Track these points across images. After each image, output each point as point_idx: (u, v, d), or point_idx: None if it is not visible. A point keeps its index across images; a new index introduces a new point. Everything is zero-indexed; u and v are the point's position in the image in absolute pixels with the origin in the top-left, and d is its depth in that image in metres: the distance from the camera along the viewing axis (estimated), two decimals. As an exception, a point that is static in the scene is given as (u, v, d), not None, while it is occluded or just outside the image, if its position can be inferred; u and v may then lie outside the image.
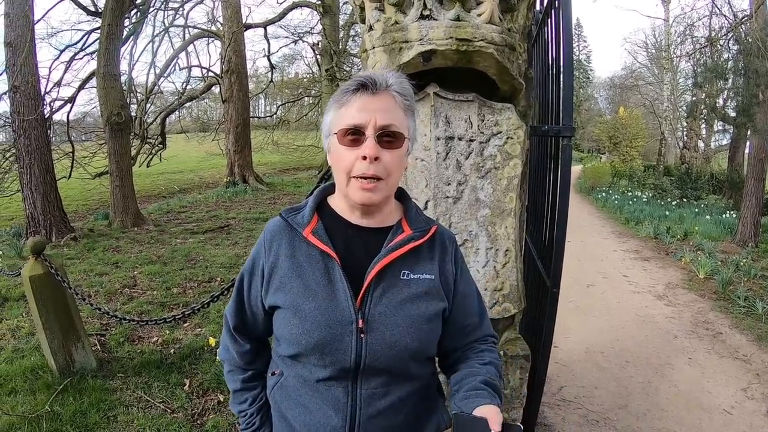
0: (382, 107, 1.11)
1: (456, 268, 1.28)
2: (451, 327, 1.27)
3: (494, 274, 2.04)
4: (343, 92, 1.13)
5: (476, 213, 2.00)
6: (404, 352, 1.16)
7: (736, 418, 3.48)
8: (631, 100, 32.59)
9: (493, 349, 1.31)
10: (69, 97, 11.81)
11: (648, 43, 30.48)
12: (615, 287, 6.59)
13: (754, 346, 4.68)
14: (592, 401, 3.67)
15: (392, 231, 1.22)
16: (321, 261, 1.17)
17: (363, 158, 1.09)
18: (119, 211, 9.47)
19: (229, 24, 14.67)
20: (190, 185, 17.84)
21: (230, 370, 1.37)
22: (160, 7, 13.28)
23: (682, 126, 22.71)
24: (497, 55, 1.77)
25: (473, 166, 1.97)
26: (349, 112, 1.11)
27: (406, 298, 1.17)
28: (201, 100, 20.17)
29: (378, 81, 1.12)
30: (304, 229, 1.19)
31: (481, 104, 1.94)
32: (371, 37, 1.90)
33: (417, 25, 1.78)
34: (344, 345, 1.12)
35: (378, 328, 1.14)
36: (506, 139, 1.96)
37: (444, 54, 1.77)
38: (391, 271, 1.18)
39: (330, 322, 1.13)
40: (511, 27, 1.86)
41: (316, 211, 1.24)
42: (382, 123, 1.10)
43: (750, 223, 9.20)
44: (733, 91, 10.61)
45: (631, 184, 19.76)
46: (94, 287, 5.77)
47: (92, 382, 3.54)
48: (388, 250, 1.17)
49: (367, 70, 1.93)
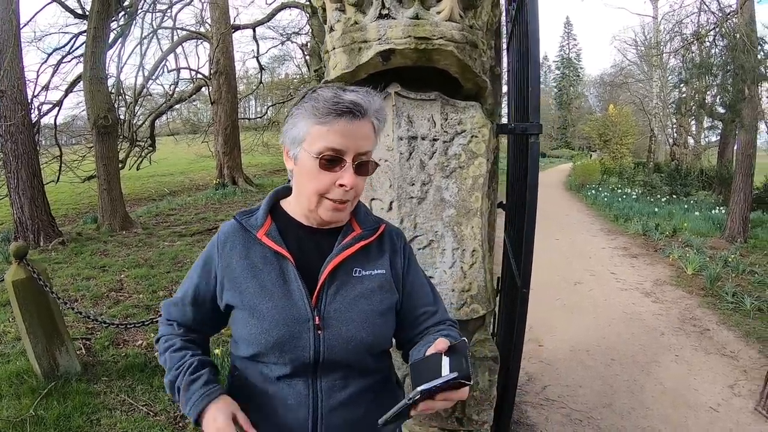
0: (363, 135, 1.13)
1: (404, 260, 1.33)
2: (406, 317, 1.32)
3: (461, 274, 2.01)
4: (326, 110, 1.09)
5: (442, 213, 1.98)
6: (360, 346, 1.20)
7: (722, 416, 3.47)
8: (620, 98, 32.72)
9: (453, 329, 1.32)
10: (57, 101, 11.80)
11: (637, 40, 30.55)
12: (602, 285, 6.59)
13: (741, 343, 4.67)
14: (576, 400, 3.66)
15: (343, 231, 1.26)
16: (276, 262, 1.20)
17: (340, 185, 1.12)
18: (107, 214, 9.44)
19: (218, 25, 14.61)
20: (180, 187, 17.77)
21: (165, 338, 1.32)
22: (148, 9, 13.23)
23: (671, 123, 22.75)
24: (457, 52, 1.74)
25: (437, 165, 1.95)
26: (330, 136, 1.10)
27: (359, 295, 1.22)
28: (190, 102, 20.09)
29: (363, 108, 1.11)
30: (258, 230, 1.22)
31: (443, 103, 1.92)
32: (332, 38, 1.88)
33: (375, 25, 1.76)
34: (303, 342, 1.16)
35: (334, 325, 1.18)
36: (471, 137, 1.93)
37: (403, 53, 1.75)
38: (344, 269, 1.22)
39: (287, 321, 1.16)
40: (474, 24, 1.83)
41: (270, 214, 1.26)
42: (361, 150, 1.13)
43: (738, 219, 9.23)
44: (721, 87, 10.63)
45: (620, 181, 19.88)
46: (81, 291, 5.75)
47: (76, 386, 3.54)
48: (339, 249, 1.22)
49: (329, 71, 1.91)
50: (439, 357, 1.01)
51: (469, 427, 2.11)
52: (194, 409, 1.15)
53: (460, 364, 0.96)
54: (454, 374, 0.94)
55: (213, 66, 14.77)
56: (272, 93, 24.61)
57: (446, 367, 0.98)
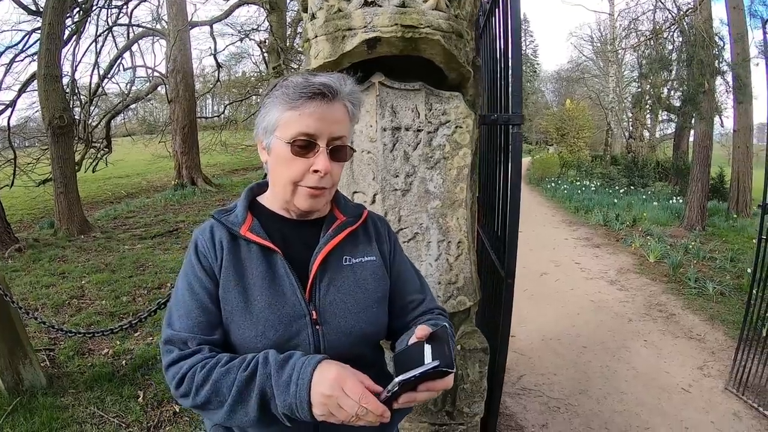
0: (336, 118, 1.09)
1: (391, 247, 1.31)
2: (395, 305, 1.28)
3: (447, 267, 2.00)
4: (296, 94, 1.06)
5: (426, 205, 1.95)
6: (360, 338, 1.17)
7: (695, 396, 3.59)
8: (577, 93, 33.39)
9: (441, 317, 1.28)
10: (9, 102, 11.26)
11: (593, 37, 31.41)
12: (568, 274, 6.72)
13: (707, 326, 4.84)
14: (552, 388, 3.71)
15: (327, 221, 1.23)
16: (262, 257, 1.14)
17: (314, 171, 1.09)
18: (65, 218, 9.10)
19: (174, 22, 14.24)
20: (138, 189, 17.29)
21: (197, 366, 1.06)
22: (103, 5, 12.78)
23: (627, 116, 23.41)
24: (444, 42, 1.73)
25: (421, 156, 1.92)
26: (302, 120, 1.06)
27: (353, 284, 1.18)
28: (146, 101, 19.59)
29: (334, 89, 1.08)
30: (241, 227, 1.16)
31: (428, 93, 1.89)
32: (314, 25, 1.83)
33: (361, 12, 1.72)
34: (302, 339, 1.10)
35: (332, 318, 1.14)
36: (455, 128, 1.92)
37: (389, 41, 1.71)
38: (333, 258, 1.18)
39: (284, 319, 1.10)
40: (459, 14, 1.82)
41: (249, 210, 1.21)
42: (335, 135, 1.09)
43: (696, 208, 9.56)
44: (678, 81, 10.98)
45: (579, 174, 20.29)
46: (41, 300, 5.51)
47: (43, 401, 3.37)
48: (327, 239, 1.18)
49: (310, 60, 1.86)
50: (422, 346, 0.97)
51: (460, 420, 2.10)
52: (304, 372, 0.97)
53: (442, 352, 0.92)
54: (435, 362, 0.89)
55: (170, 64, 14.39)
56: (229, 91, 24.17)
57: (428, 356, 0.94)
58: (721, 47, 9.85)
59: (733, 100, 10.78)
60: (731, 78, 10.44)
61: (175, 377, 1.06)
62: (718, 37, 9.76)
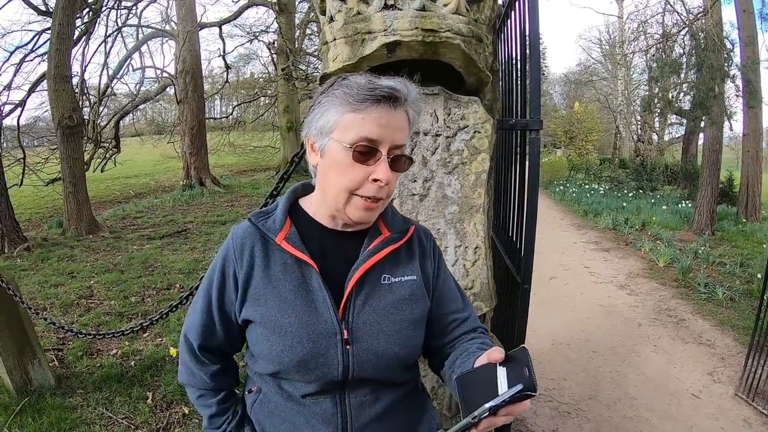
0: (399, 125, 1.03)
1: (435, 264, 1.23)
2: (437, 325, 1.21)
3: (464, 272, 1.99)
4: (361, 96, 0.99)
5: (444, 210, 1.94)
6: (393, 360, 1.11)
7: (704, 402, 3.56)
8: (585, 96, 33.23)
9: (485, 335, 1.23)
10: (19, 101, 11.30)
11: (602, 39, 31.26)
12: (577, 279, 6.69)
13: (717, 331, 4.81)
14: (563, 393, 3.69)
15: (369, 234, 1.15)
16: (297, 269, 1.10)
17: (374, 180, 1.02)
18: (73, 218, 9.12)
19: (184, 23, 14.29)
20: (146, 189, 17.34)
21: (200, 395, 1.24)
22: (113, 6, 12.85)
23: (636, 119, 23.29)
24: (464, 46, 1.71)
25: (440, 161, 1.91)
26: (365, 124, 0.99)
27: (390, 304, 1.12)
28: (155, 101, 19.70)
29: (402, 94, 1.01)
30: (277, 235, 1.11)
31: (447, 97, 1.88)
32: (332, 28, 1.82)
33: (381, 15, 1.71)
34: (330, 358, 1.06)
35: (363, 338, 1.08)
36: (473, 133, 1.91)
37: (409, 45, 1.70)
38: (372, 276, 1.12)
39: (312, 336, 1.06)
40: (478, 18, 1.81)
41: (288, 215, 1.15)
42: (397, 143, 1.03)
43: (706, 212, 9.51)
44: (687, 85, 10.93)
45: (587, 177, 20.22)
46: (50, 299, 5.52)
47: (51, 401, 3.37)
48: (367, 255, 1.12)
49: (328, 63, 1.85)
50: (493, 368, 0.92)
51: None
52: None
53: (522, 375, 0.88)
54: (519, 386, 0.86)
55: (179, 64, 14.43)
56: (238, 92, 24.27)
57: (503, 379, 0.89)
58: (730, 50, 9.79)
59: (743, 104, 10.70)
60: (741, 82, 10.39)
61: (182, 375, 1.25)
62: (728, 40, 9.69)
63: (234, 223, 1.25)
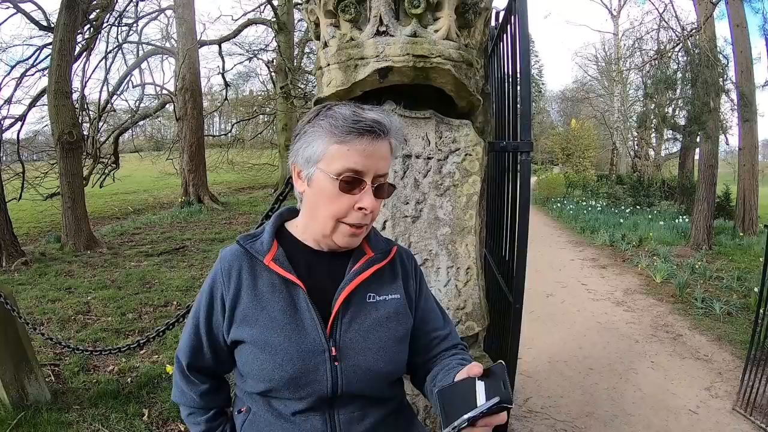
0: (382, 155, 1.08)
1: (417, 284, 1.29)
2: (418, 342, 1.26)
3: (456, 292, 2.01)
4: (346, 128, 1.03)
5: (436, 232, 1.97)
6: (378, 376, 1.15)
7: (702, 417, 3.55)
8: (582, 112, 33.47)
9: (464, 352, 1.29)
10: (19, 115, 11.41)
11: (598, 56, 31.54)
12: (574, 296, 6.69)
13: (714, 346, 4.80)
14: (559, 410, 3.68)
15: (354, 254, 1.20)
16: (285, 289, 1.13)
17: (359, 209, 1.07)
18: (71, 233, 9.13)
19: (184, 41, 14.44)
20: (144, 206, 17.35)
21: (190, 413, 1.28)
22: (114, 23, 13.00)
23: (632, 135, 23.44)
24: (455, 71, 1.75)
25: (432, 184, 1.94)
26: (350, 156, 1.04)
27: (375, 322, 1.16)
28: (155, 118, 19.83)
29: (385, 127, 1.06)
30: (265, 256, 1.14)
31: (438, 121, 1.92)
32: (326, 54, 1.86)
33: (373, 42, 1.75)
34: (319, 375, 1.10)
35: (351, 355, 1.12)
36: (465, 155, 1.94)
37: (401, 71, 1.74)
38: (358, 295, 1.16)
39: (302, 354, 1.09)
40: (468, 43, 1.85)
41: (275, 238, 1.19)
42: (380, 172, 1.08)
43: (702, 227, 9.52)
44: (683, 100, 11.01)
45: (584, 194, 20.28)
46: (47, 314, 5.52)
47: (47, 416, 3.35)
48: (353, 275, 1.16)
49: (322, 87, 1.89)
50: (473, 382, 0.97)
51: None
52: None
53: (499, 388, 0.93)
54: (496, 398, 0.91)
55: (179, 82, 14.56)
56: (237, 110, 24.44)
57: (481, 392, 0.94)
58: (725, 65, 9.89)
59: (738, 118, 10.79)
60: (736, 96, 10.47)
61: (174, 394, 1.30)
62: (722, 55, 9.79)
63: (232, 240, 1.28)
